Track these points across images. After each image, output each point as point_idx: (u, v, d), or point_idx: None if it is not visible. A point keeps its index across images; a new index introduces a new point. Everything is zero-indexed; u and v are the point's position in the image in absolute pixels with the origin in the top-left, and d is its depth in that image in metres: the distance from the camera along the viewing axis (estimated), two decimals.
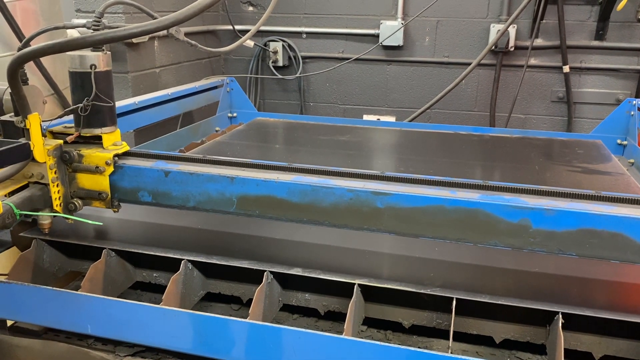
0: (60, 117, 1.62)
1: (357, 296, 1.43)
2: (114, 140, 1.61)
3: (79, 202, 1.58)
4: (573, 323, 1.36)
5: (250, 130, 3.24)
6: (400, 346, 1.25)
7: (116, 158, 1.56)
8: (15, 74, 1.33)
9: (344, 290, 1.46)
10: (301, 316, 1.64)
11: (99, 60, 1.55)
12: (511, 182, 1.44)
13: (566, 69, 3.91)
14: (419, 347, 1.50)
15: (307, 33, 4.39)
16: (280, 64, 4.43)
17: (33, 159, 1.46)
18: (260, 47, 4.41)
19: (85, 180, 1.57)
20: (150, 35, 3.50)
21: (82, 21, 1.97)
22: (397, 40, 4.13)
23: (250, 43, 4.23)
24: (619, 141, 3.07)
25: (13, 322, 1.57)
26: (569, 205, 1.33)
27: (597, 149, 2.86)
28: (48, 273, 1.69)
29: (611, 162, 2.61)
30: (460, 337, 1.49)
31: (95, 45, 1.51)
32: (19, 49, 1.64)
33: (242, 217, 1.54)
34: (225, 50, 2.95)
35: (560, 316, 1.31)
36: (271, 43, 4.41)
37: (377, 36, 4.20)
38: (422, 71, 4.27)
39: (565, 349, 1.29)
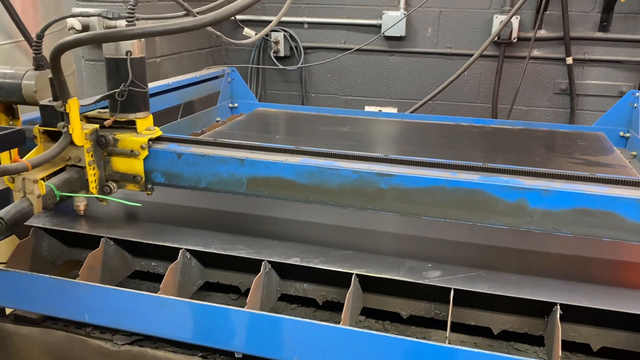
0: (97, 102, 1.63)
1: (355, 286, 1.43)
2: (147, 125, 1.65)
3: (114, 184, 1.63)
4: (571, 314, 1.35)
5: (251, 120, 3.23)
6: (398, 336, 1.25)
7: (150, 142, 1.60)
8: (58, 60, 1.36)
9: (342, 281, 1.46)
10: (299, 306, 1.64)
11: (134, 46, 1.59)
12: None
13: (569, 60, 3.88)
14: (416, 338, 1.50)
15: (308, 23, 4.37)
16: (282, 54, 4.41)
17: (72, 143, 1.51)
18: (262, 37, 4.38)
19: (120, 164, 1.62)
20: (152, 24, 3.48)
21: (95, 10, 2.00)
22: (400, 30, 4.11)
23: (251, 33, 4.21)
24: (621, 133, 3.06)
25: (12, 310, 1.57)
26: (564, 186, 1.39)
27: (599, 141, 2.85)
28: (47, 261, 1.69)
29: (613, 154, 2.60)
30: (458, 328, 1.49)
31: (134, 38, 1.54)
32: (38, 37, 1.70)
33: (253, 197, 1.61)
34: (247, 42, 2.94)
35: (559, 307, 1.30)
36: (272, 33, 4.39)
37: (379, 27, 4.18)
38: (424, 62, 4.25)
39: (563, 341, 1.28)
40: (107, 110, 1.67)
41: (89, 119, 1.64)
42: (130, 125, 1.64)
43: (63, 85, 1.45)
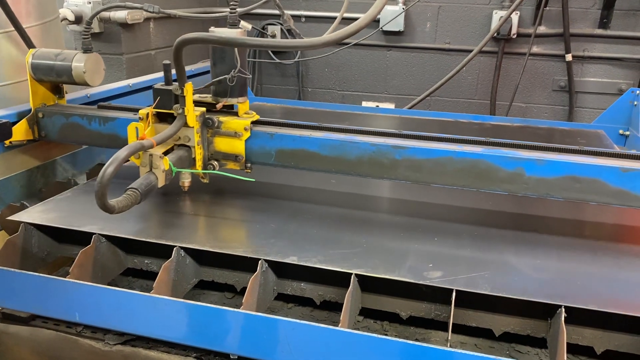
0: (207, 87, 1.76)
1: (354, 286, 1.39)
2: (245, 109, 1.79)
3: (215, 163, 1.76)
4: (575, 317, 1.32)
5: None
6: (398, 339, 1.21)
7: (252, 125, 1.73)
8: (180, 51, 1.53)
9: (341, 280, 1.42)
10: (296, 305, 1.61)
11: (238, 36, 1.71)
12: None
13: (569, 57, 3.85)
14: (416, 339, 1.47)
15: (306, 17, 4.31)
16: None
17: (185, 124, 1.64)
18: (258, 30, 4.33)
19: (222, 144, 1.75)
20: (146, 15, 3.42)
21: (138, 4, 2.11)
22: (398, 25, 4.07)
23: (248, 26, 4.15)
24: (621, 131, 3.03)
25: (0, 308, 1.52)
26: (556, 157, 1.58)
27: (599, 139, 2.82)
28: (37, 258, 1.65)
29: None
30: (458, 329, 1.46)
31: (254, 48, 1.69)
32: (87, 23, 1.97)
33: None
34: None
35: (563, 310, 1.27)
36: (269, 27, 4.33)
37: (377, 21, 4.12)
38: (423, 57, 4.21)
39: (566, 343, 1.25)
40: (206, 95, 1.78)
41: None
42: (230, 109, 1.78)
43: (183, 72, 1.60)
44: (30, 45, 2.07)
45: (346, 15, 4.22)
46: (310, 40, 1.48)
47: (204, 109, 1.72)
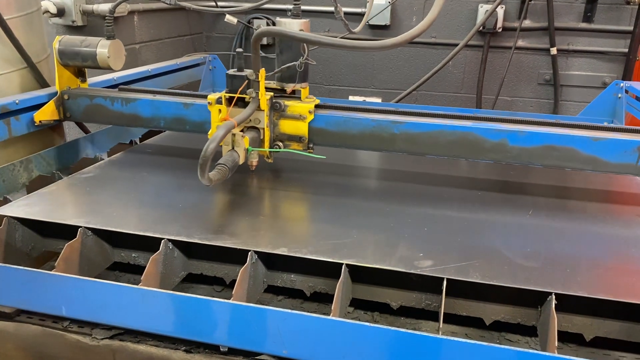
0: (276, 73, 1.90)
1: (345, 277, 1.38)
2: (306, 94, 1.92)
3: (280, 144, 1.90)
4: (564, 304, 1.33)
5: None
6: (389, 327, 1.21)
7: (315, 108, 1.86)
8: (258, 42, 1.66)
9: (331, 271, 1.41)
10: (286, 297, 1.59)
11: (304, 27, 1.90)
12: None
13: (553, 51, 3.88)
14: (407, 329, 1.46)
15: (292, 11, 4.28)
16: (265, 42, 4.32)
17: (258, 107, 1.78)
18: (244, 24, 4.30)
19: (287, 127, 1.89)
20: (130, 9, 3.38)
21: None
22: (384, 19, 4.07)
23: (233, 20, 4.12)
24: (605, 123, 3.05)
25: None
26: (536, 128, 1.79)
27: None
28: (21, 252, 1.61)
29: None
30: (449, 318, 1.46)
31: (324, 46, 1.70)
32: (110, 12, 2.15)
33: None
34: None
35: (554, 297, 1.28)
36: (255, 20, 4.30)
37: (363, 15, 4.12)
38: (409, 52, 4.22)
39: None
40: (269, 81, 1.91)
41: None
42: (292, 94, 1.91)
43: (258, 60, 1.73)
44: (11, 37, 2.03)
45: (332, 9, 4.21)
46: (381, 42, 1.56)
47: (271, 93, 1.84)
